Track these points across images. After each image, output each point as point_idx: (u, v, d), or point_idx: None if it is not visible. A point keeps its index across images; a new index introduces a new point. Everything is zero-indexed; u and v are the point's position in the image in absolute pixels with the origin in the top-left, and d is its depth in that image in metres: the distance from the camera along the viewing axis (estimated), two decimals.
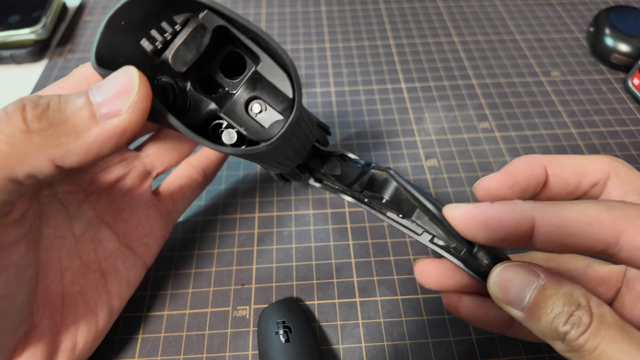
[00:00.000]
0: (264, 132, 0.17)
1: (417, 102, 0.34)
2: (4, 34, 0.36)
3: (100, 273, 0.20)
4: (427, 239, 0.18)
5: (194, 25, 0.15)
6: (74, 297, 0.19)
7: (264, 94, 0.17)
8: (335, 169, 0.22)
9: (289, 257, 0.26)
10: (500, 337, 0.22)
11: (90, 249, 0.20)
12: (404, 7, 0.43)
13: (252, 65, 0.17)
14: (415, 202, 0.18)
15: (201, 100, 0.17)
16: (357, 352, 0.22)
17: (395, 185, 0.19)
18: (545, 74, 0.37)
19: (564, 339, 0.13)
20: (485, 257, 0.17)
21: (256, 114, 0.17)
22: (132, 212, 0.21)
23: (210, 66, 0.17)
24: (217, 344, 0.22)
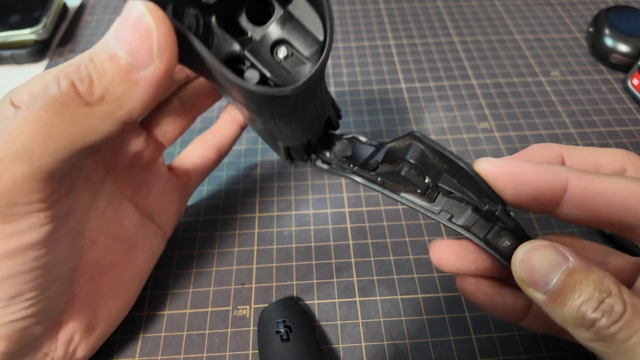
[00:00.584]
0: (289, 77, 0.16)
1: (416, 102, 0.34)
2: (4, 34, 0.36)
3: (127, 244, 0.21)
4: (446, 218, 0.17)
5: None
6: (106, 267, 0.20)
7: (293, 36, 0.16)
8: (345, 150, 0.21)
9: (289, 256, 0.26)
10: (499, 337, 0.23)
11: (116, 222, 0.21)
12: (404, 7, 0.43)
13: (281, 8, 0.16)
14: (443, 164, 0.17)
15: (224, 39, 0.16)
16: (357, 352, 0.22)
17: (421, 148, 0.17)
18: (544, 74, 0.37)
19: (592, 326, 0.12)
20: (509, 237, 0.16)
21: (281, 60, 0.16)
22: (150, 187, 0.22)
23: (236, 9, 0.16)
24: (218, 343, 0.22)
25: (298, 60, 0.16)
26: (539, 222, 0.27)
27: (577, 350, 0.22)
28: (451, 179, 0.17)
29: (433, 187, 0.17)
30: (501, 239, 0.16)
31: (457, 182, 0.17)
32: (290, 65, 0.16)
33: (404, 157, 0.17)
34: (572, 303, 0.13)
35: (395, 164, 0.18)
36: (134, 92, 0.13)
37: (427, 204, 0.18)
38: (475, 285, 0.18)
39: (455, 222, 0.17)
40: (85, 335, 0.19)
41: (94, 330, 0.20)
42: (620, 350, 0.12)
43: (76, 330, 0.19)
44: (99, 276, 0.20)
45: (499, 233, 0.16)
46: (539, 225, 0.27)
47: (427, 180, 0.17)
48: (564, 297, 0.13)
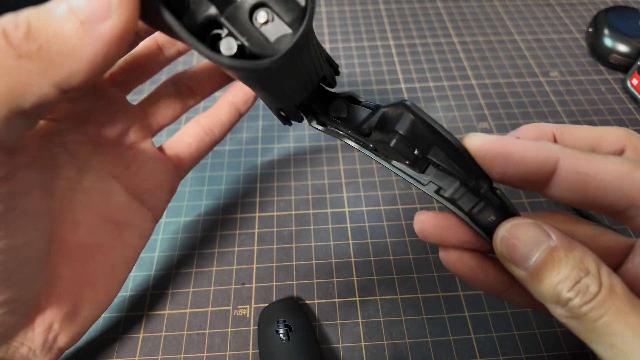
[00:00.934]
0: (269, 46, 0.15)
1: (416, 103, 0.34)
2: None
3: (114, 225, 0.20)
4: (433, 190, 0.17)
5: None
6: (91, 249, 0.19)
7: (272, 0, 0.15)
8: (341, 111, 0.20)
9: (289, 256, 0.26)
10: (499, 336, 0.23)
11: (102, 202, 0.20)
12: (404, 7, 0.43)
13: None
14: (433, 137, 0.17)
15: (200, 1, 0.15)
16: (357, 351, 0.22)
17: (412, 118, 0.17)
18: (544, 74, 0.37)
19: (565, 304, 0.13)
20: (495, 213, 0.16)
21: (261, 25, 0.15)
22: (140, 166, 0.21)
23: None
24: (218, 343, 0.22)
25: (279, 26, 0.15)
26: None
27: (577, 350, 0.22)
28: (440, 152, 0.17)
29: (422, 159, 0.17)
30: (487, 213, 0.16)
31: (445, 156, 0.17)
32: (271, 31, 0.15)
33: (394, 128, 0.17)
34: (550, 281, 0.13)
35: (385, 133, 0.18)
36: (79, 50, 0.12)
37: (417, 174, 0.18)
38: (457, 257, 0.18)
39: (443, 194, 0.17)
40: (66, 322, 0.18)
41: (77, 317, 0.18)
42: (591, 328, 0.12)
43: (56, 317, 0.17)
44: (83, 259, 0.19)
45: (485, 208, 0.16)
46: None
47: (416, 152, 0.17)
48: (542, 275, 0.13)
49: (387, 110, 0.18)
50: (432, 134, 0.17)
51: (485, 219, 0.16)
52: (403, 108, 0.17)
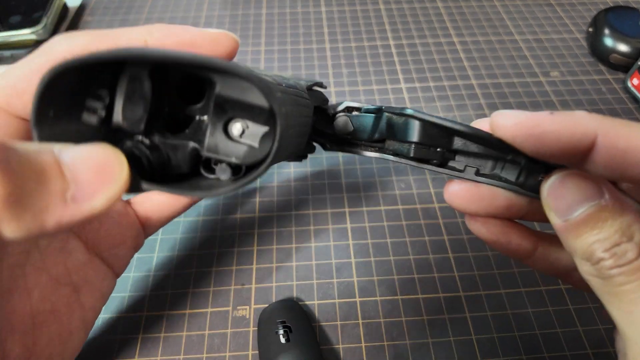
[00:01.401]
0: (257, 151, 0.15)
1: (416, 102, 0.34)
2: (4, 34, 0.36)
3: (71, 287, 0.18)
4: (473, 173, 0.17)
5: (126, 82, 0.13)
6: (45, 317, 0.17)
7: (238, 113, 0.15)
8: (346, 126, 0.20)
9: (289, 257, 0.26)
10: (500, 337, 0.23)
11: (59, 262, 0.18)
12: (404, 7, 0.43)
13: (211, 91, 0.14)
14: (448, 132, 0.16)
15: (178, 145, 0.14)
16: (357, 352, 0.22)
17: (419, 123, 0.16)
18: (544, 74, 0.37)
19: (596, 263, 0.12)
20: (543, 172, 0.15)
21: (240, 136, 0.15)
22: (102, 221, 0.20)
23: (168, 102, 0.15)
24: (217, 344, 0.22)
25: (256, 129, 0.15)
26: None
27: (578, 351, 0.22)
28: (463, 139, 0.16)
29: (448, 152, 0.17)
30: (534, 175, 0.16)
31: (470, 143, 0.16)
32: (251, 136, 0.15)
33: (406, 139, 0.17)
34: (587, 238, 0.13)
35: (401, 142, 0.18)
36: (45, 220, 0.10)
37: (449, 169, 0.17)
38: (483, 225, 0.18)
39: (483, 172, 0.17)
40: None
41: None
42: (614, 291, 0.12)
43: None
44: (35, 329, 0.17)
45: (530, 173, 0.16)
46: None
47: (439, 150, 0.17)
48: (581, 230, 0.13)
49: (391, 117, 0.18)
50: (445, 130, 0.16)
51: (535, 182, 0.16)
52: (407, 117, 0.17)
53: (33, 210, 0.10)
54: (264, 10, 0.43)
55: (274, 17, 0.42)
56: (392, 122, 0.18)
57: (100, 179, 0.11)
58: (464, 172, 0.17)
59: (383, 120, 0.18)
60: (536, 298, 0.24)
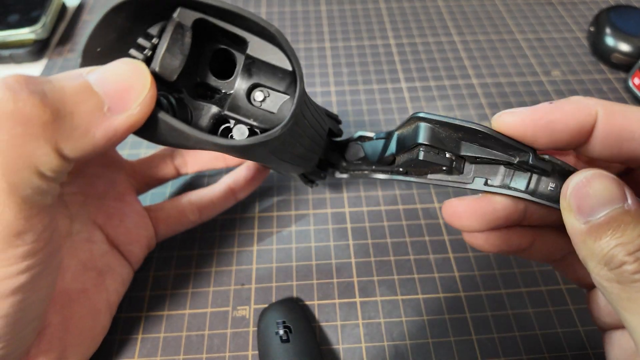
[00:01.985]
0: (275, 117, 0.16)
1: (417, 102, 0.34)
2: (3, 33, 0.36)
3: (97, 271, 0.20)
4: (482, 184, 0.17)
5: (172, 28, 0.14)
6: (77, 295, 0.19)
7: (262, 77, 0.16)
8: (357, 152, 0.21)
9: (289, 257, 0.26)
10: (500, 337, 0.22)
11: (86, 249, 0.20)
12: (404, 6, 0.43)
13: (242, 55, 0.16)
14: (458, 133, 0.16)
15: (201, 107, 0.16)
16: (357, 353, 0.22)
17: (429, 126, 0.16)
18: (545, 73, 0.37)
19: (617, 267, 0.12)
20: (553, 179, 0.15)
21: (261, 103, 0.16)
22: (122, 219, 0.22)
23: (201, 72, 0.16)
24: (217, 344, 0.22)
25: (277, 97, 0.16)
26: None
27: (579, 351, 0.22)
28: (472, 145, 0.16)
29: (457, 159, 0.17)
30: (544, 184, 0.16)
31: (478, 146, 0.16)
32: (272, 104, 0.16)
33: (416, 142, 0.17)
34: (608, 241, 0.12)
35: (410, 150, 0.17)
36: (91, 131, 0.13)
37: (458, 177, 0.17)
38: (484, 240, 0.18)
39: (492, 184, 0.17)
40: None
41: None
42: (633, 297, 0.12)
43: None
44: (69, 306, 0.19)
45: (540, 179, 0.16)
46: None
47: (448, 155, 0.17)
48: (602, 233, 0.12)
49: (401, 132, 0.18)
50: (454, 130, 0.16)
51: (546, 190, 0.16)
52: (415, 120, 0.17)
53: (80, 128, 0.12)
54: (263, 9, 0.43)
55: (273, 16, 0.42)
56: (403, 135, 0.18)
57: (128, 88, 0.13)
58: (473, 184, 0.17)
59: (393, 139, 0.18)
60: (537, 298, 0.24)
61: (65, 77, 0.13)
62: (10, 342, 0.15)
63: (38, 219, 0.13)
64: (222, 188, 0.25)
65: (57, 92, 0.12)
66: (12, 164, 0.12)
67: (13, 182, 0.12)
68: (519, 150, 0.15)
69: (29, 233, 0.13)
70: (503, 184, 0.16)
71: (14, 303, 0.14)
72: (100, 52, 0.14)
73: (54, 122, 0.12)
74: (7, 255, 0.13)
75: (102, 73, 0.13)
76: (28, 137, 0.12)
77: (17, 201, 0.12)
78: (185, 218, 0.24)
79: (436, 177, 0.18)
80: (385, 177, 0.20)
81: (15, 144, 0.12)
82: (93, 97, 0.13)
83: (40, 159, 0.12)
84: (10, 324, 0.14)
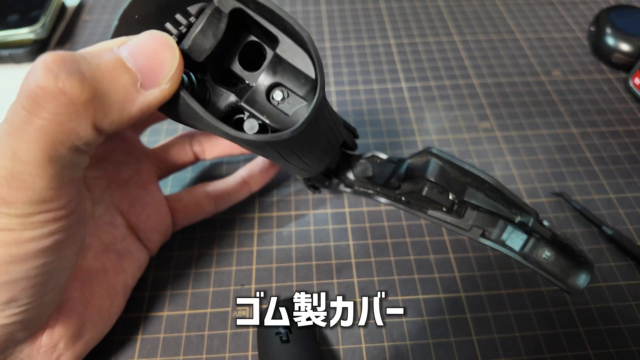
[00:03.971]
0: (288, 119, 0.16)
1: (417, 102, 0.34)
2: (2, 33, 0.36)
3: (117, 254, 0.21)
4: (478, 234, 0.17)
5: (210, 12, 0.15)
6: (97, 274, 0.20)
7: (285, 78, 0.16)
8: (366, 171, 0.21)
9: (289, 257, 0.25)
10: (501, 338, 0.22)
11: (108, 232, 0.21)
12: (405, 6, 0.43)
13: (271, 51, 0.16)
14: (466, 178, 0.16)
15: (220, 92, 0.16)
16: (358, 353, 0.22)
17: (440, 164, 0.17)
18: (546, 73, 0.36)
19: None
20: (548, 247, 0.15)
21: (278, 102, 0.16)
22: (144, 207, 0.23)
23: (229, 58, 0.17)
24: (217, 344, 0.22)
25: (295, 101, 0.16)
26: None
27: (579, 352, 0.22)
28: (477, 192, 0.16)
29: (459, 202, 0.17)
30: (540, 250, 0.16)
31: (484, 195, 0.16)
32: (288, 106, 0.16)
33: (424, 176, 0.17)
34: None
35: (416, 182, 0.18)
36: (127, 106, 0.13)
37: (457, 220, 0.17)
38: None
39: (489, 237, 0.17)
40: (71, 343, 0.18)
41: (80, 339, 0.19)
42: None
43: (62, 338, 0.18)
44: (89, 283, 0.19)
45: (537, 244, 0.16)
46: None
47: (451, 197, 0.17)
48: None
49: (412, 162, 0.18)
50: (464, 175, 0.16)
51: (540, 256, 0.16)
52: (428, 155, 0.17)
53: (116, 104, 0.13)
54: None
55: None
56: (413, 166, 0.18)
57: (159, 64, 0.13)
58: (470, 232, 0.17)
59: (404, 166, 0.18)
60: (537, 299, 0.24)
61: (98, 52, 0.13)
62: (31, 307, 0.15)
63: (66, 190, 0.14)
64: (236, 180, 0.26)
65: (93, 70, 0.12)
66: (53, 140, 0.12)
67: (50, 156, 0.13)
68: (522, 211, 0.15)
69: (55, 201, 0.14)
70: (499, 240, 0.16)
71: (38, 265, 0.14)
72: (137, 20, 0.14)
73: (92, 100, 0.12)
74: (32, 220, 0.13)
75: (133, 47, 0.13)
76: (69, 116, 0.12)
77: (51, 172, 0.13)
78: (202, 209, 0.25)
79: (436, 214, 0.18)
80: (387, 202, 0.20)
81: (57, 122, 0.12)
82: (127, 73, 0.13)
83: (79, 135, 0.13)
84: (32, 287, 0.15)
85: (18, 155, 0.12)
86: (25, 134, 0.12)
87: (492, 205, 0.16)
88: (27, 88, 0.12)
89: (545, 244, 0.16)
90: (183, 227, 0.25)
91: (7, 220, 0.13)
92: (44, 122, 0.12)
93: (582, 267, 0.16)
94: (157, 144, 0.26)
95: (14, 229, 0.13)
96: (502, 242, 0.16)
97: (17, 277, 0.14)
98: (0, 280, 0.14)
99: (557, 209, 0.27)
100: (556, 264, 0.16)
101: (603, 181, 0.29)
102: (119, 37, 0.14)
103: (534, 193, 0.28)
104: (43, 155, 0.12)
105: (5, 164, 0.12)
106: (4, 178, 0.13)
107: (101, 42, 0.14)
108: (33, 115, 0.12)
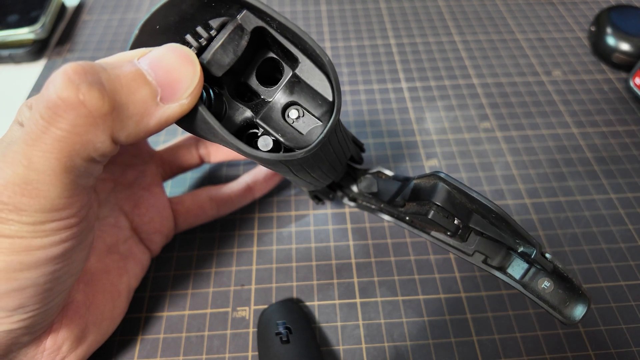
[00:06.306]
0: (302, 138, 0.16)
1: (417, 102, 0.34)
2: (2, 33, 0.36)
3: (120, 255, 0.21)
4: (480, 260, 0.17)
5: (232, 27, 0.15)
6: (100, 275, 0.20)
7: (302, 98, 0.16)
8: (371, 186, 0.21)
9: (289, 257, 0.25)
10: (501, 338, 0.22)
11: (112, 233, 0.21)
12: (405, 6, 0.43)
13: (290, 70, 0.16)
14: (472, 205, 0.16)
15: (236, 107, 0.16)
16: (358, 353, 0.22)
17: (447, 189, 0.17)
18: (546, 73, 0.36)
19: None
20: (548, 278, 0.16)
21: (293, 121, 0.16)
22: (148, 209, 0.23)
23: (247, 73, 0.17)
24: (217, 345, 0.22)
25: (310, 120, 0.16)
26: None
27: (580, 352, 0.22)
28: (482, 219, 0.16)
29: (464, 227, 0.17)
30: (539, 280, 0.16)
31: (488, 222, 0.16)
32: (303, 125, 0.16)
33: (430, 199, 0.17)
34: None
35: (421, 204, 0.18)
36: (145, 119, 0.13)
37: (460, 244, 0.17)
38: None
39: (491, 263, 0.17)
40: (74, 345, 0.18)
41: (84, 341, 0.19)
42: None
43: (65, 340, 0.18)
44: (92, 284, 0.19)
45: (537, 274, 0.16)
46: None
47: (456, 222, 0.17)
48: None
49: (419, 182, 0.18)
50: (470, 201, 0.16)
51: (539, 286, 0.16)
52: (436, 179, 0.17)
53: (135, 117, 0.13)
54: None
55: None
56: (419, 187, 0.18)
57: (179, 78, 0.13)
58: (472, 257, 0.17)
59: (410, 186, 0.18)
60: None
61: (118, 63, 0.13)
62: (38, 312, 0.15)
63: (78, 198, 0.14)
64: (240, 185, 0.26)
65: (113, 82, 0.12)
66: (69, 150, 0.12)
67: (66, 166, 0.13)
68: (525, 241, 0.16)
69: (67, 210, 0.14)
70: (500, 266, 0.17)
71: (47, 273, 0.14)
72: (158, 30, 0.14)
73: (111, 112, 0.12)
74: (44, 227, 0.13)
75: (154, 60, 0.13)
76: (87, 127, 0.12)
77: (65, 181, 0.13)
78: (204, 213, 0.25)
79: (439, 236, 0.18)
80: (391, 220, 0.20)
81: (75, 133, 0.12)
82: (147, 86, 0.13)
83: (95, 147, 0.13)
84: (40, 293, 0.15)
85: (33, 163, 0.12)
86: (42, 143, 0.12)
87: (497, 234, 0.16)
88: (47, 98, 0.12)
89: (545, 275, 0.16)
90: (185, 229, 0.25)
91: (18, 228, 0.13)
92: (62, 133, 0.12)
93: (579, 299, 0.16)
94: (161, 144, 0.26)
95: (25, 236, 0.13)
96: (503, 269, 0.16)
97: (26, 284, 0.14)
98: (10, 288, 0.14)
99: (558, 209, 0.27)
100: (554, 294, 0.16)
101: (603, 181, 0.29)
102: (138, 49, 0.14)
103: (534, 193, 0.28)
104: (58, 164, 0.12)
105: (20, 172, 0.12)
106: (17, 185, 0.13)
107: (121, 53, 0.13)
108: (51, 125, 0.12)
